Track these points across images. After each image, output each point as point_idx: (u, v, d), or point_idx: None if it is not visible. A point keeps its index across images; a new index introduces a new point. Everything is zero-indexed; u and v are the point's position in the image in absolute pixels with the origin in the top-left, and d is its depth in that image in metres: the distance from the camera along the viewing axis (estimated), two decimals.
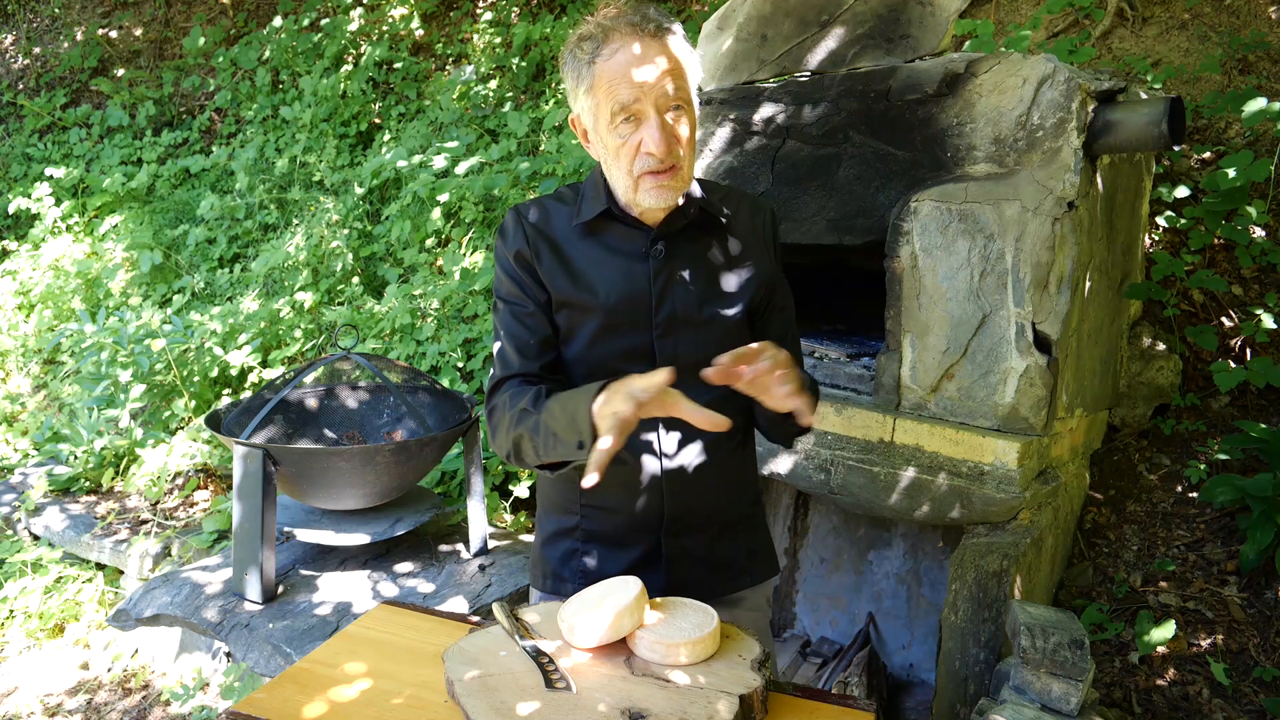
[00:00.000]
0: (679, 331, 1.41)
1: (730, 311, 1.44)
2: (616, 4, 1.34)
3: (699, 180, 1.48)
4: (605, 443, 1.15)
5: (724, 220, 1.47)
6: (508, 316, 1.43)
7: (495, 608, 1.38)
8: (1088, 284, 2.28)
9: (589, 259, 1.41)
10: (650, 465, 1.43)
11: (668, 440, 1.43)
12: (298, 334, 4.33)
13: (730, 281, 1.45)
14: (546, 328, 1.42)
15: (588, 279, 1.40)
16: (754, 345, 1.23)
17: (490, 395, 1.42)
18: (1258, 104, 2.74)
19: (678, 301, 1.41)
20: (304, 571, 2.77)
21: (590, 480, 1.16)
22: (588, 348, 1.41)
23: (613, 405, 1.16)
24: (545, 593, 1.55)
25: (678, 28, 1.34)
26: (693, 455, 1.44)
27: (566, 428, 1.22)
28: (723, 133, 2.72)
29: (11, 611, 3.20)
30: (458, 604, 2.59)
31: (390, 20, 6.11)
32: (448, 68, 5.83)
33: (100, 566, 3.40)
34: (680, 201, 1.39)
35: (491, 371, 1.46)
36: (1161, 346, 2.82)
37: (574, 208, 1.44)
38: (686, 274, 1.42)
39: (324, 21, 6.18)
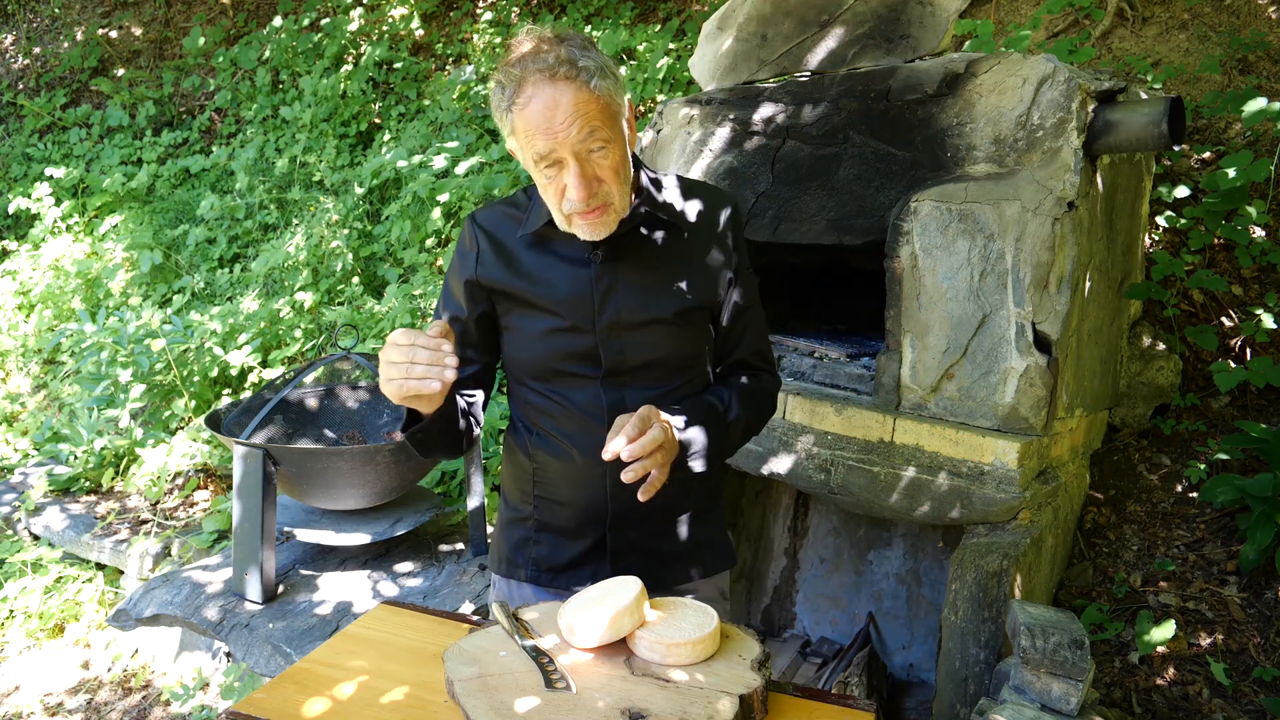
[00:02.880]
0: (623, 334, 1.45)
1: (678, 311, 1.46)
2: (531, 36, 1.30)
3: (665, 176, 1.51)
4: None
5: (674, 220, 1.48)
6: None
7: (495, 608, 1.38)
8: (1088, 284, 2.28)
9: (538, 265, 1.46)
10: (595, 460, 1.42)
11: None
12: (298, 334, 4.33)
13: (679, 281, 1.47)
14: (469, 347, 1.49)
15: (538, 283, 1.45)
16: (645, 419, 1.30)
17: None
18: (1258, 104, 2.74)
19: (620, 304, 1.44)
20: (304, 571, 2.77)
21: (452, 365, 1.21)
22: (536, 347, 1.46)
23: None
24: (500, 575, 1.62)
25: (591, 59, 1.28)
26: None
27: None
28: (723, 133, 2.72)
29: (12, 611, 3.20)
30: (458, 604, 2.59)
31: (390, 20, 6.11)
32: (448, 68, 5.83)
33: (100, 566, 3.40)
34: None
35: None
36: (1161, 346, 2.82)
37: (524, 214, 1.48)
38: (629, 277, 1.45)
39: (324, 21, 6.18)
